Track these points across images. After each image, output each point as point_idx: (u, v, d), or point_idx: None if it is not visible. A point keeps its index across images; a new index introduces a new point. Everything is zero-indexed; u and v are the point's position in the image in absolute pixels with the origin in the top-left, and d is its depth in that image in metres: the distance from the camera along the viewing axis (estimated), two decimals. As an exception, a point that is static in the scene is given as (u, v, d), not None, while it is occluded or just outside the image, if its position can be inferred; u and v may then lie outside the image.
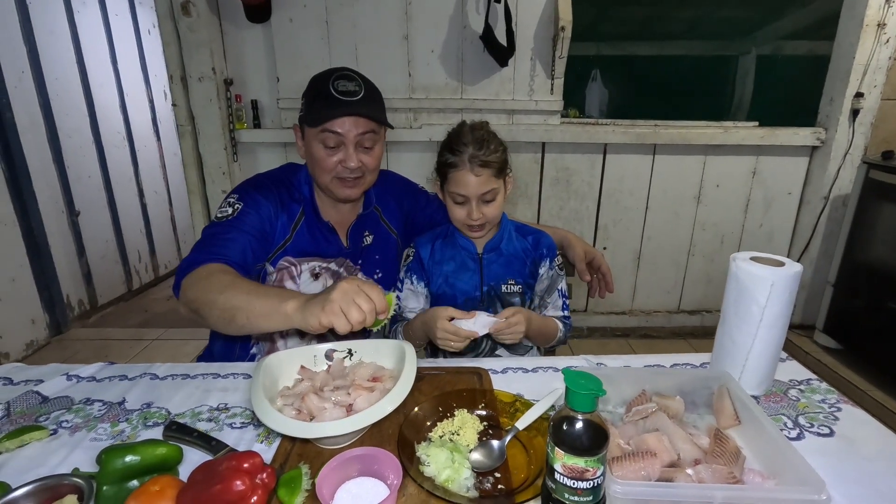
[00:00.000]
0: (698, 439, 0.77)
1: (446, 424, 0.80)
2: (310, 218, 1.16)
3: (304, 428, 0.70)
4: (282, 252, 1.13)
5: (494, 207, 1.12)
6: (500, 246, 1.21)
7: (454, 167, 1.08)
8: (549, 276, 1.23)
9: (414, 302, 1.24)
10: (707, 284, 2.90)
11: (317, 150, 1.08)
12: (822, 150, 2.59)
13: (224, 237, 1.03)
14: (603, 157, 2.65)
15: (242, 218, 1.06)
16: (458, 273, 1.21)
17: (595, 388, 0.52)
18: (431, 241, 1.25)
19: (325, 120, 1.04)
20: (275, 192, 1.13)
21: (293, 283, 1.15)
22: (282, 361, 0.89)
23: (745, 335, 0.86)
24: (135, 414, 0.89)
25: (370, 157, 1.11)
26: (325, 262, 1.17)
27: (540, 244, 1.23)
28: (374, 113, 1.07)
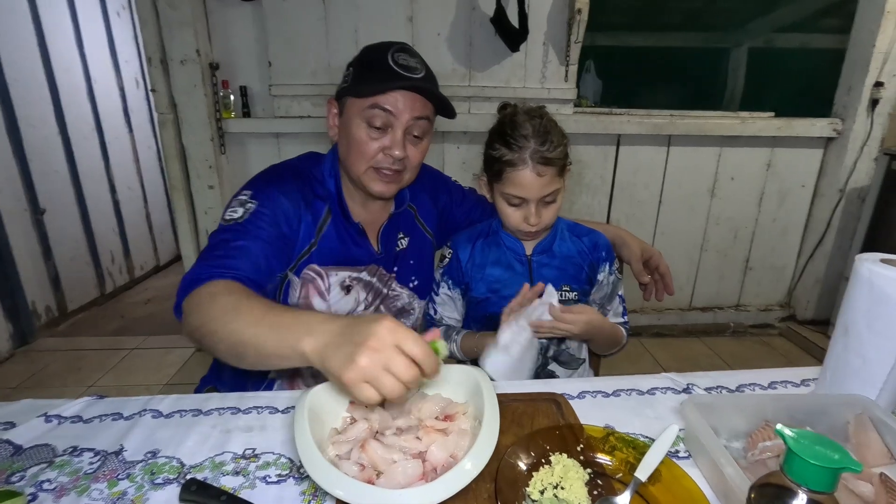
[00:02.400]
0: (851, 485, 0.63)
1: (545, 475, 0.64)
2: (337, 218, 0.98)
3: (381, 498, 0.53)
4: (306, 259, 0.95)
5: (554, 209, 0.97)
6: (552, 248, 1.05)
7: (511, 165, 0.91)
8: (610, 282, 1.09)
9: (451, 309, 1.10)
10: (720, 280, 2.82)
11: (358, 130, 0.90)
12: (838, 142, 2.53)
13: (233, 245, 0.84)
14: (616, 148, 2.53)
15: (256, 221, 0.88)
16: (504, 278, 1.05)
17: (842, 460, 0.37)
18: (472, 242, 1.08)
19: (379, 92, 0.87)
20: (296, 186, 0.95)
21: (322, 301, 0.97)
22: (326, 395, 0.72)
23: (884, 353, 0.73)
24: (138, 467, 0.70)
25: (417, 151, 0.94)
26: (355, 272, 1.00)
27: (598, 246, 1.08)
28: (436, 92, 0.90)
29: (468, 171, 2.42)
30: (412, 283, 1.09)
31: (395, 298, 1.06)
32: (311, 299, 0.96)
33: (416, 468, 0.61)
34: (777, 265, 2.81)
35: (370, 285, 1.02)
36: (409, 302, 1.09)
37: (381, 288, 1.03)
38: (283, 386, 1.02)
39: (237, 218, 0.87)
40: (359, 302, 1.00)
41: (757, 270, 2.81)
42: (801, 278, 2.79)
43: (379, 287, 1.03)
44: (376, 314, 0.63)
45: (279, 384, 1.02)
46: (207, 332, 0.73)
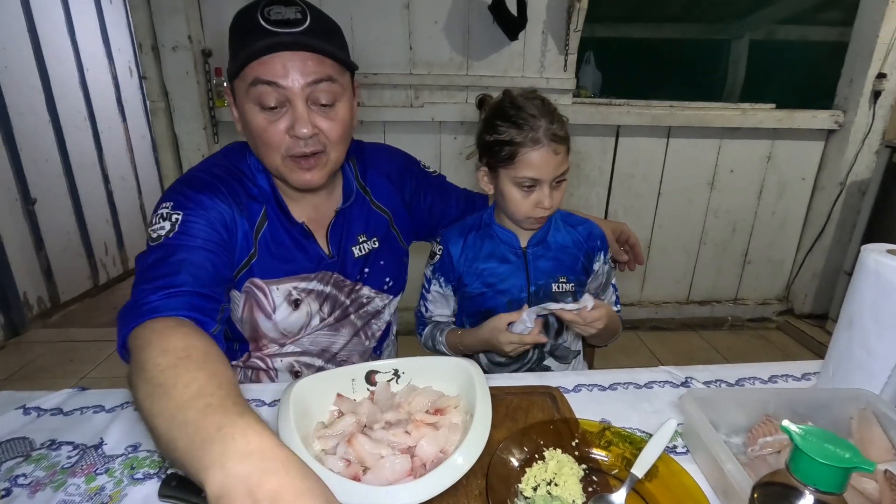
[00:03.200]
0: (856, 482, 0.61)
1: (538, 471, 0.62)
2: (276, 220, 0.85)
3: (367, 494, 0.51)
4: (246, 272, 0.83)
5: (562, 192, 0.94)
6: (546, 238, 1.02)
7: (524, 147, 0.87)
8: (605, 272, 1.07)
9: (442, 307, 1.07)
10: (718, 274, 2.80)
11: (253, 116, 0.74)
12: (839, 134, 2.50)
13: (171, 261, 0.69)
14: (615, 140, 2.49)
15: (188, 230, 0.73)
16: (499, 271, 1.02)
17: (853, 458, 0.35)
18: (463, 236, 1.04)
19: (252, 58, 0.69)
20: (226, 188, 0.80)
21: (267, 320, 0.86)
22: (312, 388, 0.69)
23: (889, 346, 0.71)
24: (117, 461, 0.68)
25: (331, 122, 0.76)
26: (303, 282, 0.88)
27: (593, 235, 1.05)
28: (324, 46, 0.72)
29: (464, 161, 2.38)
30: (387, 285, 1.00)
31: (365, 304, 0.97)
32: (256, 317, 0.86)
33: (405, 464, 0.58)
34: (775, 259, 2.79)
35: (324, 295, 0.90)
36: (383, 304, 1.02)
37: (339, 296, 0.92)
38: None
39: (165, 234, 0.73)
40: (311, 315, 0.89)
41: (755, 264, 2.79)
42: (799, 272, 2.77)
43: (336, 296, 0.92)
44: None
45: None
46: (136, 402, 0.55)
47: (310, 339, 0.93)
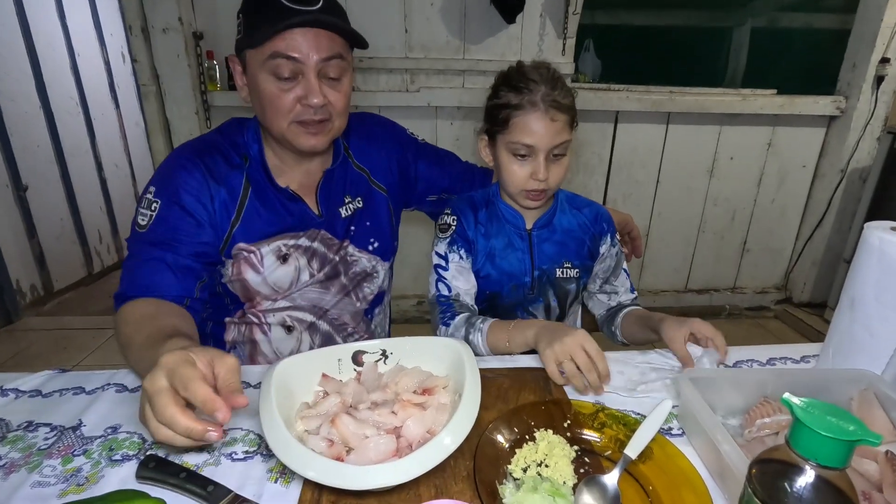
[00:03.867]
0: (855, 463, 0.60)
1: (529, 452, 0.60)
2: (260, 187, 0.89)
3: (349, 474, 0.49)
4: (231, 239, 0.88)
5: (562, 169, 0.90)
6: (552, 221, 0.99)
7: (520, 109, 0.85)
8: (613, 255, 1.03)
9: (464, 282, 0.97)
10: (716, 262, 2.78)
11: (266, 85, 0.80)
12: (841, 121, 2.46)
13: (147, 260, 0.81)
14: (614, 126, 2.46)
15: (161, 228, 0.82)
16: (505, 253, 0.99)
17: (858, 431, 0.32)
18: (473, 209, 1.00)
19: (274, 34, 0.76)
20: (200, 165, 0.86)
21: (255, 274, 0.90)
22: (297, 368, 0.67)
23: (892, 325, 0.68)
24: (96, 443, 0.66)
25: (338, 94, 0.84)
26: (292, 239, 0.92)
27: (599, 217, 1.02)
28: (341, 24, 0.80)
29: (463, 148, 2.35)
30: (371, 246, 1.01)
31: (352, 264, 1.00)
32: (245, 275, 0.90)
33: (389, 444, 0.56)
34: (774, 247, 2.77)
35: (312, 251, 0.93)
36: (372, 266, 1.02)
37: (327, 254, 0.95)
38: (244, 361, 0.97)
39: (145, 225, 0.83)
40: (300, 269, 0.93)
41: (754, 252, 2.77)
42: (798, 260, 2.75)
43: (325, 253, 0.95)
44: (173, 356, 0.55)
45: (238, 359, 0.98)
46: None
47: (300, 295, 0.95)
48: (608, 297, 1.07)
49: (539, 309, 1.02)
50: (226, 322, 0.95)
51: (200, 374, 0.53)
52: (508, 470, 0.58)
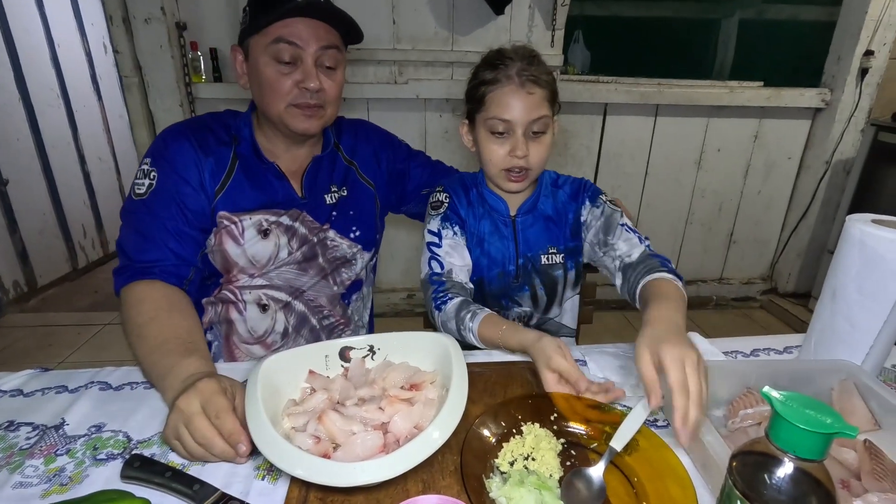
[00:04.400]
0: (835, 452, 0.61)
1: (515, 445, 0.60)
2: (248, 161, 0.94)
3: (337, 471, 0.49)
4: (214, 207, 0.91)
5: (543, 148, 0.89)
6: (537, 206, 0.98)
7: (495, 83, 0.85)
8: (599, 216, 0.95)
9: (458, 258, 0.94)
10: (703, 254, 2.81)
11: (266, 69, 0.86)
12: (826, 113, 2.49)
13: (146, 234, 0.85)
14: (603, 118, 2.46)
15: (159, 200, 0.87)
16: (492, 238, 0.98)
17: (835, 423, 0.33)
18: (464, 188, 0.99)
19: (278, 18, 0.83)
20: (192, 138, 0.90)
21: (236, 245, 0.92)
22: (283, 365, 0.67)
23: (872, 316, 0.70)
24: (79, 442, 0.65)
25: (332, 83, 0.90)
26: (273, 215, 0.94)
27: (580, 189, 0.99)
28: (341, 11, 0.87)
29: (450, 140, 2.34)
30: (353, 234, 1.04)
31: (332, 248, 1.01)
32: (225, 245, 0.92)
33: (376, 440, 0.56)
34: (761, 238, 2.80)
35: (292, 230, 0.96)
36: (353, 253, 1.04)
37: (307, 235, 0.98)
38: (220, 348, 0.99)
39: (142, 194, 0.87)
40: (279, 247, 0.95)
41: (741, 244, 2.80)
42: (783, 251, 2.79)
43: (305, 234, 0.97)
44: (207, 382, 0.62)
45: (216, 345, 1.00)
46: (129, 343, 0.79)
47: (277, 274, 0.96)
48: (613, 260, 0.91)
49: (525, 298, 1.01)
50: (203, 303, 0.97)
51: (230, 404, 0.61)
52: (495, 464, 0.59)
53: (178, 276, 0.85)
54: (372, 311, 1.19)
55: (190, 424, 0.58)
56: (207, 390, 0.60)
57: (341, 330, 1.06)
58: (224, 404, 0.59)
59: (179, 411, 0.59)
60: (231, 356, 0.99)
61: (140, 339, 0.75)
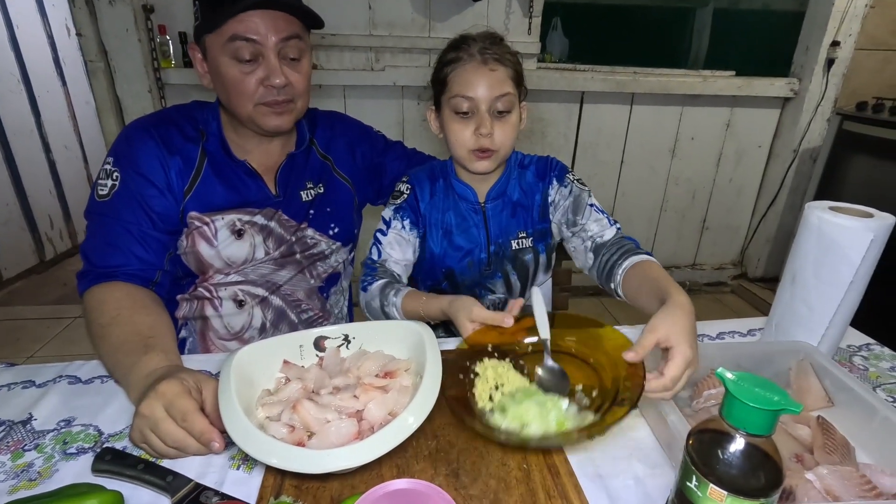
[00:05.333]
0: (790, 428, 0.64)
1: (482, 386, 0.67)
2: (217, 159, 0.90)
3: (308, 458, 0.50)
4: (184, 207, 0.88)
5: (509, 127, 0.88)
6: (506, 191, 0.97)
7: (457, 62, 0.85)
8: (568, 195, 0.94)
9: (399, 252, 0.95)
10: (677, 241, 2.87)
11: (228, 70, 0.81)
12: (795, 102, 2.55)
13: (110, 239, 0.83)
14: (580, 106, 2.48)
15: (124, 195, 0.84)
16: (460, 229, 0.98)
17: (781, 401, 0.35)
18: (430, 181, 0.98)
19: (231, 15, 0.77)
20: (155, 136, 0.87)
21: (209, 247, 0.90)
22: (257, 356, 0.67)
23: (827, 300, 0.73)
24: (48, 437, 0.64)
25: (298, 75, 0.86)
26: (247, 215, 0.92)
27: (545, 169, 0.98)
28: (295, 2, 0.82)
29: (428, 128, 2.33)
30: (332, 231, 1.02)
31: (312, 246, 1.00)
32: (198, 247, 0.89)
33: (350, 427, 0.57)
34: (732, 225, 2.88)
35: (268, 230, 0.94)
36: (331, 249, 1.03)
37: (283, 234, 0.96)
38: (196, 344, 0.98)
39: (105, 195, 0.84)
40: (255, 247, 0.93)
41: (713, 230, 2.87)
42: (753, 237, 2.87)
43: (281, 234, 0.95)
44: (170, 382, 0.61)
45: (190, 342, 0.98)
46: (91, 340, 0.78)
47: (253, 270, 0.95)
48: (583, 241, 0.92)
49: (498, 285, 1.01)
50: (178, 299, 0.95)
51: (196, 405, 0.59)
52: (480, 408, 0.63)
53: (143, 279, 0.83)
54: (351, 303, 1.18)
55: (157, 430, 0.58)
56: (170, 392, 0.59)
57: (320, 324, 1.05)
58: (189, 406, 0.58)
59: (143, 417, 0.58)
60: (207, 353, 0.98)
61: (102, 339, 0.74)
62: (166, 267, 0.87)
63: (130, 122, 0.90)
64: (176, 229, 0.88)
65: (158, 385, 0.60)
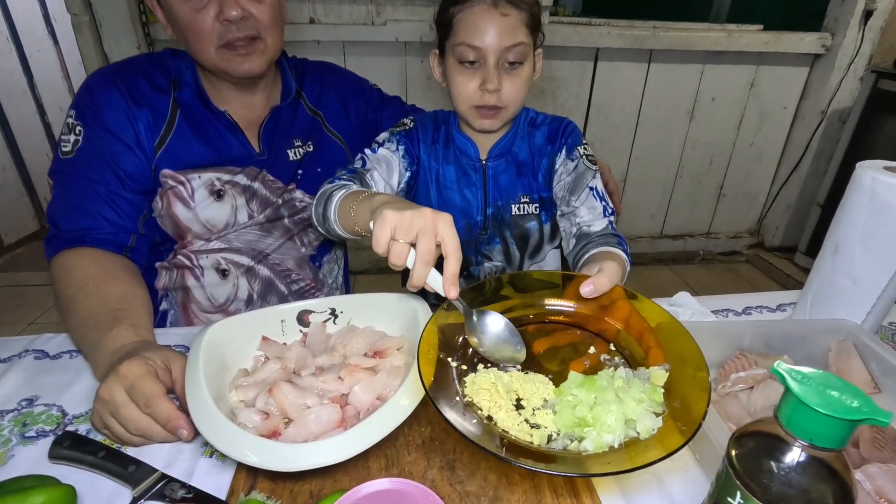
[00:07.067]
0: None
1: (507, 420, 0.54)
2: (192, 110, 0.82)
3: (281, 454, 0.43)
4: (156, 164, 0.80)
5: (520, 82, 0.78)
6: (511, 149, 0.87)
7: (465, 2, 0.74)
8: (571, 171, 0.85)
9: (385, 172, 0.83)
10: (692, 208, 2.75)
11: (180, 10, 0.73)
12: (826, 59, 2.38)
13: (77, 200, 0.76)
14: (594, 64, 2.33)
15: (87, 152, 0.76)
16: (457, 185, 0.89)
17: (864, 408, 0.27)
18: (434, 125, 0.89)
19: None
20: (121, 85, 0.78)
21: (186, 209, 0.82)
22: (233, 331, 0.60)
23: (876, 272, 0.64)
24: (7, 418, 0.59)
25: (260, 4, 0.76)
26: (227, 174, 0.84)
27: (560, 131, 0.87)
28: None
29: (433, 88, 2.21)
30: None
31: (300, 210, 0.92)
32: (174, 209, 0.82)
33: (333, 414, 0.51)
34: (750, 192, 2.75)
35: (251, 191, 0.86)
36: None
37: (269, 196, 0.88)
38: (178, 317, 0.91)
39: (68, 152, 0.77)
40: (237, 209, 0.86)
41: (730, 197, 2.75)
42: (772, 205, 2.75)
43: (266, 195, 0.88)
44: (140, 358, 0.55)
45: (172, 314, 0.91)
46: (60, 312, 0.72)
47: (237, 236, 0.88)
48: (571, 225, 0.85)
49: (495, 252, 0.93)
50: (157, 267, 0.88)
51: (161, 388, 0.54)
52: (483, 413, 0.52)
53: (116, 244, 0.77)
54: (347, 272, 1.11)
55: (118, 415, 0.52)
56: (132, 374, 0.53)
57: (313, 295, 0.99)
58: (153, 389, 0.52)
59: (103, 402, 0.53)
60: (190, 326, 0.92)
61: (69, 311, 0.68)
62: (141, 231, 0.80)
63: (95, 72, 0.81)
64: (149, 189, 0.81)
65: (120, 365, 0.54)
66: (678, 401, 0.50)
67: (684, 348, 0.54)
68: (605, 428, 0.47)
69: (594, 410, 0.49)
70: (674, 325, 0.57)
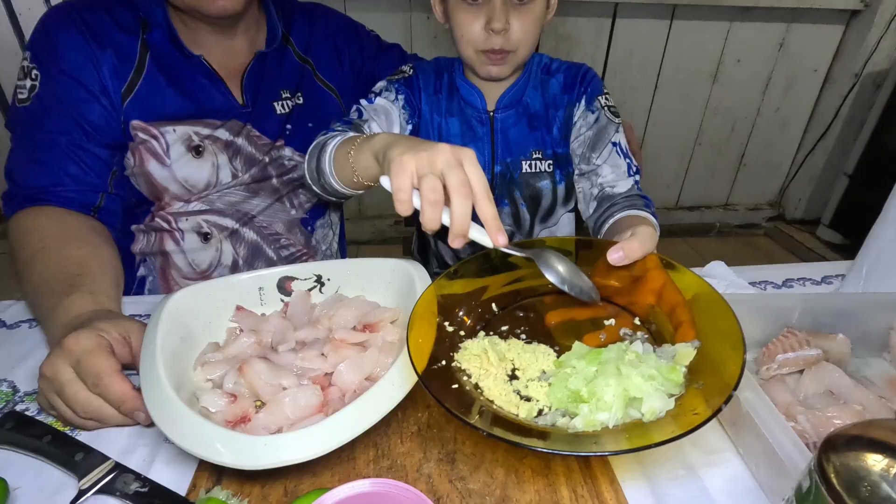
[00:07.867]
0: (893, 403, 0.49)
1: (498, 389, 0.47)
2: (164, 53, 0.72)
3: (247, 447, 0.36)
4: (125, 115, 0.72)
5: (530, 21, 0.69)
6: (522, 98, 0.78)
7: None
8: (592, 124, 0.77)
9: (384, 123, 0.76)
10: (710, 178, 2.63)
11: None
12: (863, 16, 2.21)
13: (37, 153, 0.68)
14: (612, 21, 2.18)
15: (45, 99, 0.68)
16: (461, 140, 0.80)
17: None
18: (437, 73, 0.81)
19: None
20: (81, 23, 0.69)
21: (161, 167, 0.74)
22: (200, 300, 0.52)
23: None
24: (-50, 395, 0.52)
25: None
26: (206, 127, 0.75)
27: (578, 79, 0.78)
28: None
29: (440, 46, 2.07)
30: None
31: (290, 169, 0.84)
32: (147, 166, 0.74)
33: (312, 398, 0.43)
34: (772, 161, 2.61)
35: (235, 147, 0.78)
36: None
37: (254, 154, 0.80)
38: (157, 283, 0.84)
39: (25, 100, 0.69)
40: (218, 167, 0.77)
41: (751, 167, 2.62)
42: (796, 175, 2.61)
43: (252, 153, 0.80)
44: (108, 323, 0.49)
45: (150, 281, 0.84)
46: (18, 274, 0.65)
47: (219, 197, 0.80)
48: (591, 185, 0.77)
49: (503, 214, 0.84)
50: (133, 230, 0.81)
51: (113, 364, 0.46)
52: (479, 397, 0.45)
53: (81, 203, 0.69)
54: (343, 238, 1.03)
55: (63, 395, 0.46)
56: (78, 348, 0.46)
57: (304, 261, 0.91)
58: (103, 365, 0.45)
59: (47, 380, 0.46)
60: None
61: (24, 277, 0.62)
62: (111, 190, 0.72)
63: (51, 7, 0.72)
64: (118, 143, 0.72)
65: (65, 340, 0.47)
66: (702, 382, 0.42)
67: (721, 323, 0.46)
68: (601, 405, 0.41)
69: (591, 385, 0.42)
70: (712, 296, 0.49)
